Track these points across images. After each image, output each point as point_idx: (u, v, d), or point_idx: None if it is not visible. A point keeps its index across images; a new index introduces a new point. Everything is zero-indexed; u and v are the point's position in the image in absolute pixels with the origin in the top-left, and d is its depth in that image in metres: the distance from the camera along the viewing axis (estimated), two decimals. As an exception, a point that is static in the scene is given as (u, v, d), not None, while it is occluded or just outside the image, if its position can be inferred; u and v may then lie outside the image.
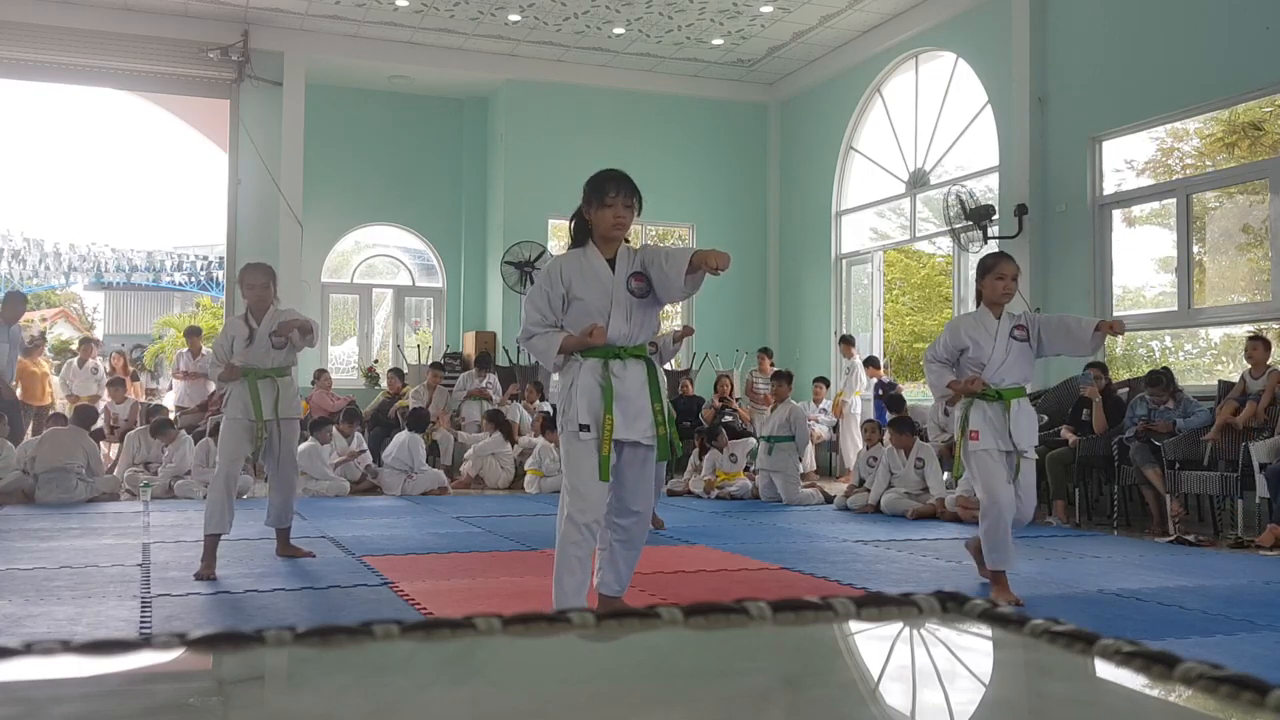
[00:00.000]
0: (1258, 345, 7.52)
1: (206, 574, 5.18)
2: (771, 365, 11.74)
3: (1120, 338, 5.70)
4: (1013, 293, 4.77)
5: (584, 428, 3.69)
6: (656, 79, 13.61)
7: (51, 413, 10.81)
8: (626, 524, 3.89)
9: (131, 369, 13.01)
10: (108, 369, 12.73)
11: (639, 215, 3.77)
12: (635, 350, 3.75)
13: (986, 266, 4.83)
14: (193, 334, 12.49)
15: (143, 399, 12.87)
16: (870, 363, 11.72)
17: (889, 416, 9.91)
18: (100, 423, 10.88)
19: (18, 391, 10.39)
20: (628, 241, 3.82)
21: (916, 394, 12.96)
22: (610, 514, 3.86)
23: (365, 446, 10.39)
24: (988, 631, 0.72)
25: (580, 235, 3.81)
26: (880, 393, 11.38)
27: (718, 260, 3.41)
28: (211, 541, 5.29)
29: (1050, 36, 10.08)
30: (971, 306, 12.37)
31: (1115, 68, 9.40)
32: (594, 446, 3.67)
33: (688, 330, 7.61)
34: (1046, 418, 8.94)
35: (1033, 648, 0.68)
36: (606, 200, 3.67)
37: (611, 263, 3.73)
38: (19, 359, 10.35)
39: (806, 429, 9.91)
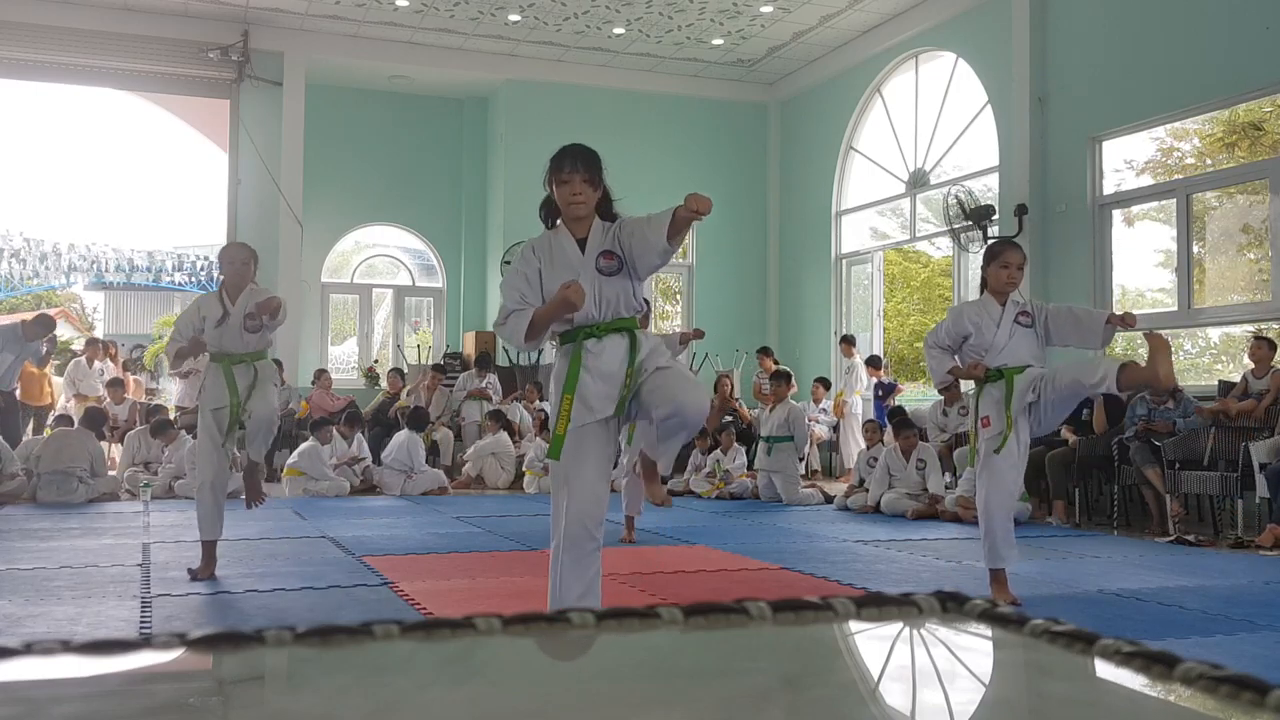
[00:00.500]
0: (1262, 345, 7.53)
1: (204, 574, 5.14)
2: (775, 364, 11.72)
3: (1120, 336, 5.63)
4: (1017, 282, 4.69)
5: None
6: (656, 79, 13.61)
7: (58, 414, 10.82)
8: (662, 414, 3.38)
9: (123, 360, 12.96)
10: (111, 366, 12.72)
11: (596, 190, 3.48)
12: (613, 325, 3.47)
13: (992, 254, 4.75)
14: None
15: (143, 399, 12.87)
16: (871, 362, 11.73)
17: (888, 416, 9.92)
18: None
19: (16, 392, 10.40)
20: (616, 217, 3.56)
21: (917, 394, 12.96)
22: (646, 429, 3.53)
23: (366, 451, 10.38)
24: (988, 631, 0.72)
25: (549, 216, 3.61)
26: (880, 393, 11.38)
27: (698, 203, 3.17)
28: (209, 546, 5.24)
29: (1050, 36, 10.08)
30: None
31: (1115, 68, 9.39)
32: (569, 434, 3.40)
33: (697, 333, 7.28)
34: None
35: (1033, 648, 0.68)
36: (562, 176, 3.46)
37: (583, 243, 3.50)
38: (27, 364, 10.39)
39: (806, 429, 9.91)
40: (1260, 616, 4.43)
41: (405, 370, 12.56)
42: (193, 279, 23.42)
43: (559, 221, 3.56)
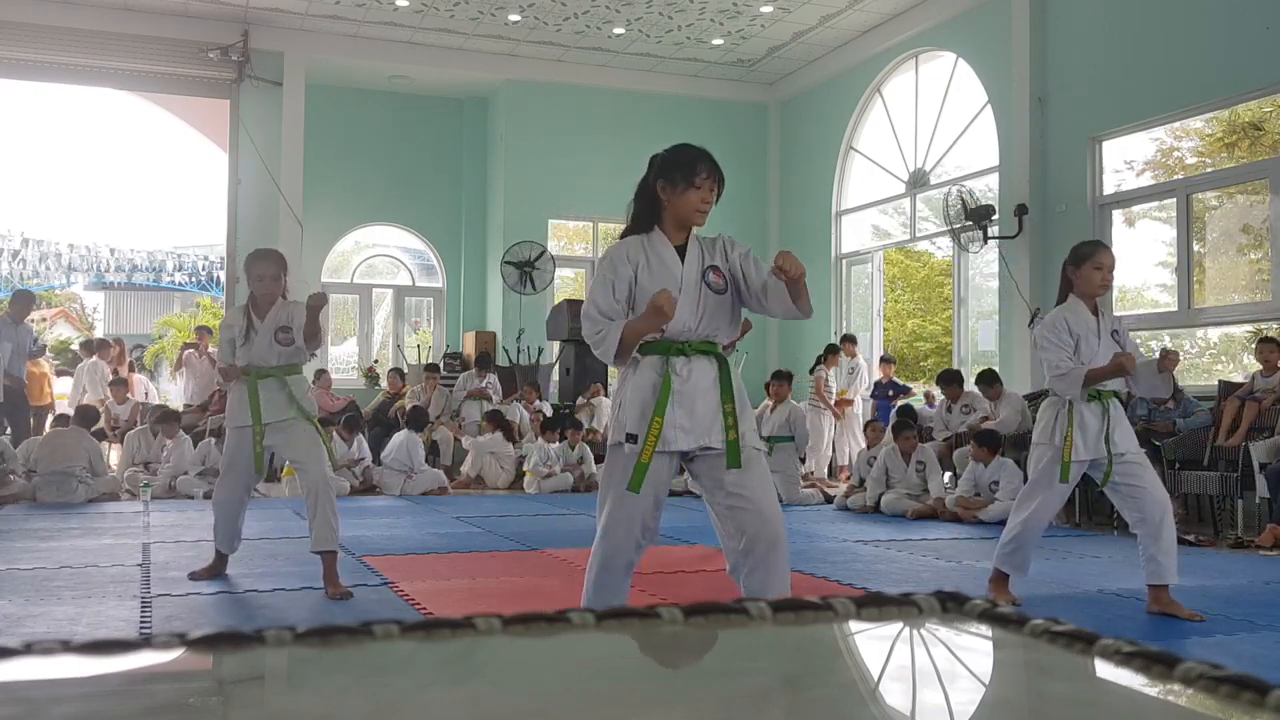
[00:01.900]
0: (1270, 348, 7.52)
1: (204, 575, 5.11)
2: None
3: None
4: (1110, 285, 4.36)
5: (630, 438, 3.11)
6: (656, 79, 13.61)
7: (57, 414, 10.81)
8: (745, 548, 3.09)
9: (129, 359, 12.93)
10: (113, 366, 12.69)
11: (716, 202, 3.25)
12: (701, 346, 3.17)
13: (1082, 255, 4.35)
14: (203, 332, 12.57)
15: (143, 398, 12.84)
16: (884, 360, 11.79)
17: (893, 416, 9.93)
18: (101, 422, 10.88)
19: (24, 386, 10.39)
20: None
21: (919, 395, 12.95)
22: (728, 543, 3.17)
23: (366, 452, 10.36)
24: (988, 631, 0.72)
25: (648, 217, 3.22)
26: (891, 394, 11.39)
27: (789, 264, 2.93)
28: (220, 555, 5.16)
29: (1050, 36, 10.08)
30: (971, 306, 12.26)
31: (1115, 68, 9.40)
32: (624, 458, 3.12)
33: (746, 325, 6.52)
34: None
35: (1033, 648, 0.68)
36: (696, 180, 3.12)
37: (681, 251, 3.20)
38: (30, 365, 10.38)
39: (806, 429, 9.91)
40: (1260, 616, 4.43)
41: (405, 370, 12.56)
42: (193, 279, 23.46)
43: (656, 225, 3.23)
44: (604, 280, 3.18)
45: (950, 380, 9.87)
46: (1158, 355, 4.33)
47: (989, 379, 9.10)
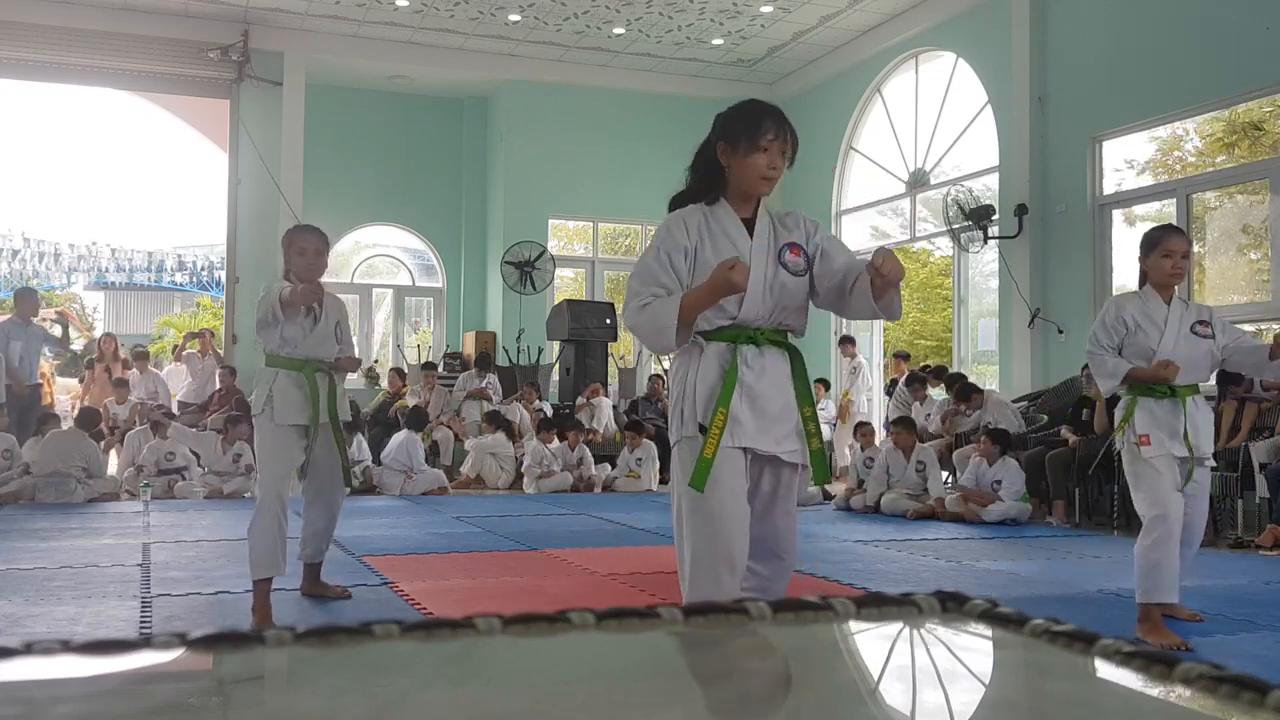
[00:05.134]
0: None
1: (260, 619, 4.19)
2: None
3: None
4: (1183, 273, 4.17)
5: (704, 429, 2.70)
6: (656, 79, 13.61)
7: (48, 414, 10.79)
8: (769, 573, 2.87)
9: (124, 356, 12.84)
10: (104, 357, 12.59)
11: (790, 167, 2.87)
12: (773, 335, 2.77)
13: (1152, 242, 4.17)
14: (204, 335, 12.56)
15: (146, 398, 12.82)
16: (898, 356, 11.80)
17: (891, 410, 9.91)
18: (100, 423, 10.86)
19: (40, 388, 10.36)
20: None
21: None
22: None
23: (366, 453, 10.35)
24: (988, 631, 0.72)
25: (708, 185, 2.84)
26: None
27: (887, 263, 2.56)
28: (264, 587, 4.25)
29: (1050, 36, 10.08)
30: (971, 306, 12.23)
31: (1115, 68, 9.40)
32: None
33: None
34: (1046, 418, 8.94)
35: (1033, 648, 0.68)
36: (761, 142, 2.74)
37: (748, 224, 2.82)
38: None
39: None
40: (1260, 616, 4.43)
41: (405, 370, 12.57)
42: (193, 279, 23.48)
43: (721, 196, 2.84)
44: (657, 250, 2.77)
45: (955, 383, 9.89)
46: (1271, 342, 4.08)
47: (967, 393, 9.11)
